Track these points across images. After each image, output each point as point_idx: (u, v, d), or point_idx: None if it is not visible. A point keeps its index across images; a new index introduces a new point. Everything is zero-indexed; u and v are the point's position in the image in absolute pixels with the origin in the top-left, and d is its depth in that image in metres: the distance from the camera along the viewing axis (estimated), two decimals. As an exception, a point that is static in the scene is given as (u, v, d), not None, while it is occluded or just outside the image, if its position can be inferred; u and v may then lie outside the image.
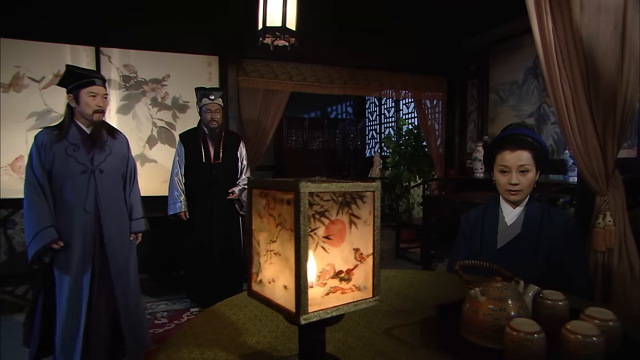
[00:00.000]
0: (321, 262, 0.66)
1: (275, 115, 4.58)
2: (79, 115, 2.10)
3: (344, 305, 0.68)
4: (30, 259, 2.01)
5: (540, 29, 2.20)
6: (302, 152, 6.71)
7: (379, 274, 0.72)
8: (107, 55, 3.84)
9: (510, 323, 0.80)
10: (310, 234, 0.64)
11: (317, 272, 0.66)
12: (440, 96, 5.30)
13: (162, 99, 4.06)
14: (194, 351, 0.86)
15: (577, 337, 0.76)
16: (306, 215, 0.62)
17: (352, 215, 0.69)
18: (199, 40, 4.13)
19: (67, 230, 2.04)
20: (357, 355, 0.85)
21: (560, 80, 2.21)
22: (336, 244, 0.68)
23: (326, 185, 0.65)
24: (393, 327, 0.99)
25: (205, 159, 3.21)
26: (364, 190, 0.70)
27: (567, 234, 1.55)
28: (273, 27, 2.82)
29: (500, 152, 1.60)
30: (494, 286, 0.91)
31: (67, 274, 2.04)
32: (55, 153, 2.04)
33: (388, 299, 1.19)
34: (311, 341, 0.73)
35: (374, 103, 7.35)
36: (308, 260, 0.63)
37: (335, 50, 4.65)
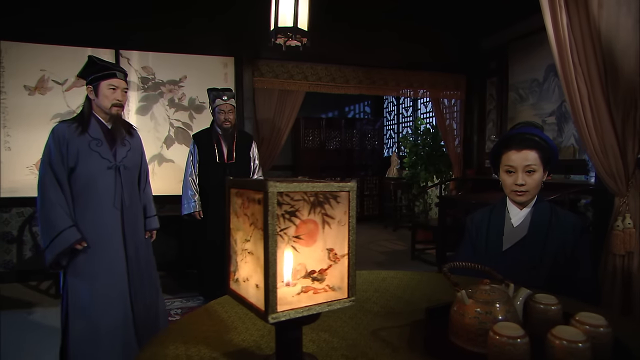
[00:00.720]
0: (291, 262, 0.66)
1: (290, 115, 4.60)
2: (98, 108, 2.01)
3: (317, 306, 0.68)
4: (49, 263, 1.89)
5: (554, 24, 2.14)
6: (319, 152, 6.71)
7: (354, 275, 0.72)
8: (126, 57, 3.95)
9: (493, 327, 0.78)
10: (279, 234, 0.64)
11: (287, 271, 0.66)
12: (459, 95, 5.21)
13: (179, 99, 4.15)
14: (179, 348, 0.88)
15: (562, 343, 0.74)
16: (275, 215, 0.63)
17: (325, 215, 0.69)
18: (215, 42, 4.20)
19: (96, 229, 1.95)
20: (339, 355, 0.84)
21: (576, 76, 2.14)
22: (308, 243, 0.68)
23: (297, 185, 0.65)
24: (381, 328, 0.98)
25: (219, 159, 3.25)
26: (337, 190, 0.69)
27: (575, 237, 1.50)
28: (285, 27, 2.83)
29: (506, 151, 1.56)
30: (482, 289, 0.89)
31: (95, 278, 1.94)
32: (79, 148, 1.94)
33: (381, 300, 1.18)
34: (287, 340, 0.73)
35: (392, 102, 7.29)
36: (278, 260, 0.63)
37: (350, 50, 4.64)
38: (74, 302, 1.95)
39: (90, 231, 1.93)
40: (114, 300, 1.98)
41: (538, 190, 1.55)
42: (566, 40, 2.11)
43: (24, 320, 2.96)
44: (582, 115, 2.17)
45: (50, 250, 1.87)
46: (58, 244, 1.87)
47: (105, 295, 1.96)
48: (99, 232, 1.96)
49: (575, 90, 2.14)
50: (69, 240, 1.87)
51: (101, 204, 1.98)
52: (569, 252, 1.49)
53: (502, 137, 1.65)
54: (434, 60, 4.95)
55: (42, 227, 1.91)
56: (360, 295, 1.21)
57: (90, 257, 1.95)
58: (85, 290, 1.94)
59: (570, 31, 2.12)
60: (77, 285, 1.95)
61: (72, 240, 1.87)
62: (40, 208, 1.90)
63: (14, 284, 3.67)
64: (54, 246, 1.87)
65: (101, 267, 1.97)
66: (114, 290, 1.99)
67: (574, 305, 1.07)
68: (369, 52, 4.71)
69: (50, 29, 3.64)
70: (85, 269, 1.95)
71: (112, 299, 1.97)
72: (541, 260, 1.51)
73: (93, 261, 1.96)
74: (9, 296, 3.42)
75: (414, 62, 4.91)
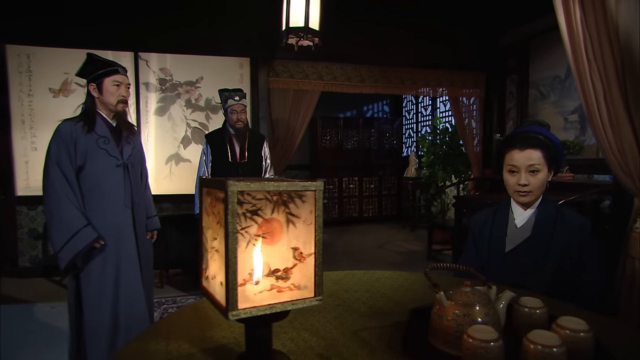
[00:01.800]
0: (253, 260, 0.67)
1: (305, 115, 4.61)
2: (102, 106, 1.98)
3: (280, 304, 0.68)
4: (65, 265, 1.84)
5: (566, 18, 2.07)
6: (337, 151, 6.69)
7: (321, 274, 0.72)
8: (144, 59, 4.05)
9: (467, 330, 0.76)
10: (241, 232, 0.65)
11: (249, 269, 0.67)
12: (478, 93, 5.10)
13: (196, 100, 4.22)
14: (160, 343, 0.90)
15: (536, 348, 0.71)
16: (235, 213, 0.63)
17: (289, 214, 0.69)
18: (231, 43, 4.25)
19: (109, 228, 1.92)
20: (314, 354, 0.84)
21: (590, 73, 2.07)
22: (271, 242, 0.68)
23: (259, 184, 0.65)
24: (363, 328, 0.97)
25: (231, 159, 3.29)
26: (303, 190, 0.69)
27: (582, 239, 1.44)
28: (296, 27, 2.84)
29: (509, 151, 1.52)
30: (462, 291, 0.87)
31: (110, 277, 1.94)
32: (87, 147, 1.91)
33: (371, 300, 1.17)
34: (256, 337, 0.73)
35: (411, 101, 7.19)
36: (238, 258, 0.64)
37: (366, 49, 4.61)
38: (88, 303, 1.93)
39: (102, 230, 1.89)
40: (130, 297, 1.98)
41: (542, 191, 1.50)
42: (580, 35, 2.03)
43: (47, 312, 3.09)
44: (597, 113, 2.09)
45: (66, 251, 1.81)
46: (75, 245, 1.82)
47: (123, 292, 1.97)
48: (112, 231, 1.93)
49: (589, 87, 2.06)
50: (87, 239, 1.83)
51: (112, 202, 1.95)
52: (575, 254, 1.44)
53: (506, 136, 1.60)
54: (451, 59, 4.86)
55: (55, 228, 1.84)
56: (350, 295, 1.21)
57: (105, 257, 1.93)
58: (99, 291, 1.93)
59: (585, 26, 2.04)
60: (92, 286, 1.92)
61: (90, 239, 1.83)
62: (50, 207, 1.84)
63: (39, 279, 3.83)
64: (71, 247, 1.81)
65: (116, 266, 1.95)
66: (130, 288, 1.99)
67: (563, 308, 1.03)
68: (385, 50, 4.67)
69: (73, 33, 3.76)
70: (100, 269, 1.92)
71: (129, 297, 1.98)
72: (545, 262, 1.46)
73: (107, 260, 1.93)
74: (35, 290, 3.57)
75: (431, 61, 4.83)
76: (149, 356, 0.85)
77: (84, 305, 1.94)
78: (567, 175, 3.84)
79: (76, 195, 1.88)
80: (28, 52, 3.77)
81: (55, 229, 1.85)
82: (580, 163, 3.86)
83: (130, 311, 1.98)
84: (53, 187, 1.85)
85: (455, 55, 4.84)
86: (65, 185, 1.86)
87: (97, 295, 1.94)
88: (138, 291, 2.02)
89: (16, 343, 2.54)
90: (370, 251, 5.10)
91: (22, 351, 2.44)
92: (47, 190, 1.87)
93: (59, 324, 2.87)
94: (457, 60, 4.87)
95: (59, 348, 2.40)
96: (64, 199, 1.84)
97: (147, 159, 4.01)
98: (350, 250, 5.10)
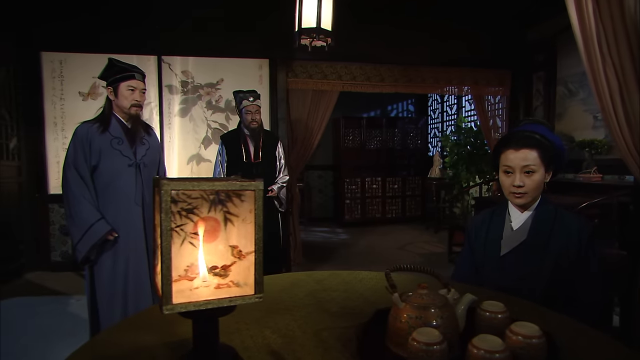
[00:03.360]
0: (189, 256, 0.69)
1: (324, 115, 4.62)
2: (118, 108, 2.09)
3: (218, 300, 0.70)
4: (82, 257, 1.98)
5: (578, 10, 1.98)
6: (360, 151, 6.66)
7: (261, 272, 0.73)
8: (167, 63, 4.20)
9: (413, 332, 0.75)
10: (176, 230, 0.67)
11: (184, 266, 0.69)
12: (503, 91, 4.94)
13: (216, 102, 4.33)
14: (128, 335, 0.94)
15: (479, 352, 0.70)
16: (168, 211, 0.66)
17: (227, 213, 0.71)
18: (250, 45, 4.33)
19: (119, 224, 2.02)
20: (267, 351, 0.86)
21: (604, 69, 1.97)
22: (209, 240, 0.70)
23: (193, 183, 0.68)
24: (327, 328, 0.97)
25: (246, 159, 3.35)
26: (241, 189, 0.71)
27: (580, 243, 1.38)
28: (308, 28, 2.86)
29: (505, 151, 1.47)
30: (418, 293, 0.85)
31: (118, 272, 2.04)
32: (101, 146, 2.01)
33: (346, 300, 1.17)
34: (201, 331, 0.75)
35: (437, 100, 7.05)
36: (172, 254, 0.66)
37: (386, 48, 4.57)
38: (101, 296, 2.05)
39: (115, 226, 2.01)
40: (138, 293, 2.08)
41: (539, 192, 1.45)
42: (592, 29, 1.93)
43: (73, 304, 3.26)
44: (612, 110, 1.99)
45: (83, 244, 1.96)
46: (90, 237, 1.95)
47: (132, 288, 2.06)
48: (122, 227, 2.03)
49: (603, 84, 1.97)
50: (100, 232, 1.95)
51: (123, 200, 2.05)
52: (573, 259, 1.38)
53: (502, 135, 1.55)
54: (474, 56, 4.72)
55: (72, 223, 1.98)
56: (327, 295, 1.21)
57: (116, 252, 2.04)
58: (111, 285, 2.04)
59: (599, 18, 1.94)
60: (102, 281, 2.05)
61: (103, 231, 1.96)
62: (69, 205, 1.99)
63: (69, 273, 4.04)
64: (86, 239, 1.95)
65: (125, 262, 2.05)
66: (138, 283, 2.08)
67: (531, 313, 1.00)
68: (405, 49, 4.60)
69: (101, 39, 3.96)
70: (112, 263, 2.04)
71: (137, 292, 2.07)
72: (540, 266, 1.41)
73: (118, 255, 2.05)
74: (65, 283, 3.78)
75: (453, 59, 4.72)
76: (113, 346, 0.89)
77: (98, 298, 2.06)
78: (595, 176, 3.66)
79: (91, 193, 2.01)
80: (60, 58, 4.00)
81: (73, 224, 1.99)
82: (610, 163, 3.66)
83: (138, 306, 2.06)
84: (70, 188, 1.99)
85: (478, 52, 4.71)
86: (82, 185, 1.99)
87: (109, 289, 2.05)
88: (145, 287, 2.11)
89: (45, 332, 2.71)
90: (391, 252, 5.04)
91: (49, 339, 2.60)
92: (65, 190, 2.01)
93: (84, 315, 3.03)
94: (480, 57, 4.74)
95: (81, 337, 2.55)
96: (80, 197, 1.99)
97: (170, 159, 4.21)
98: (369, 251, 5.07)
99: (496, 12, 4.51)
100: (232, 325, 0.98)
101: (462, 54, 4.67)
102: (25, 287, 3.62)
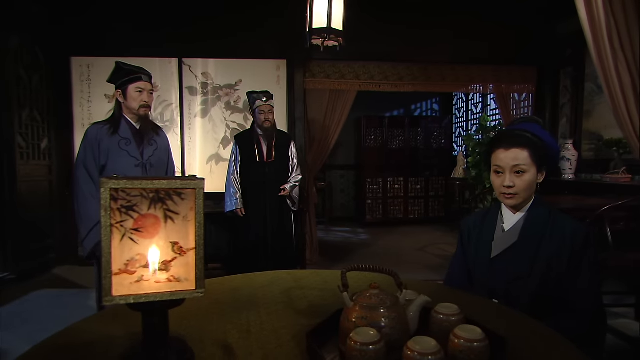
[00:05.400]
0: (129, 251, 0.72)
1: (341, 115, 4.61)
2: (127, 110, 2.16)
3: (159, 294, 0.73)
4: (87, 253, 2.04)
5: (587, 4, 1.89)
6: (382, 151, 6.59)
7: (202, 268, 0.75)
8: (188, 65, 4.32)
9: (352, 332, 0.75)
10: (115, 226, 0.70)
11: (125, 260, 0.72)
12: (528, 88, 4.76)
13: (235, 102, 4.42)
14: (99, 325, 0.99)
15: (413, 355, 0.69)
16: (108, 208, 0.69)
17: (167, 210, 0.73)
18: (268, 46, 4.39)
19: None
20: (218, 346, 0.88)
21: (616, 64, 1.87)
22: (148, 236, 0.73)
23: (133, 182, 0.71)
24: (287, 325, 0.99)
25: (259, 158, 3.41)
26: (181, 188, 0.73)
27: (574, 247, 1.32)
28: (319, 28, 2.88)
29: (495, 150, 1.43)
30: (368, 293, 0.85)
31: None
32: (110, 147, 2.09)
33: (317, 299, 1.17)
34: (148, 323, 0.78)
35: (461, 99, 6.88)
36: (112, 249, 0.70)
37: (404, 46, 4.52)
38: None
39: None
40: None
41: (530, 193, 1.40)
42: (602, 22, 1.84)
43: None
44: (624, 108, 1.88)
45: (89, 240, 2.01)
46: (96, 234, 1.99)
47: None
48: None
49: (614, 80, 1.87)
50: None
51: None
52: (564, 264, 1.32)
53: (494, 135, 1.51)
54: (497, 52, 4.58)
55: (80, 220, 2.05)
56: (302, 293, 1.22)
57: None
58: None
59: (610, 11, 1.85)
60: None
61: None
62: (77, 203, 2.06)
63: (95, 267, 4.24)
64: (92, 236, 2.00)
65: None
66: None
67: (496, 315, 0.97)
68: (425, 47, 4.53)
69: (125, 43, 4.13)
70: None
71: None
72: (530, 270, 1.36)
73: None
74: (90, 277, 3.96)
75: (474, 56, 4.60)
76: (82, 334, 0.94)
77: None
78: (623, 176, 3.47)
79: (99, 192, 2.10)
80: (88, 63, 4.20)
81: (80, 221, 2.06)
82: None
83: None
84: (79, 186, 2.08)
85: (502, 48, 4.56)
86: (90, 183, 2.07)
87: None
88: None
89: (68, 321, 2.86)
90: (409, 253, 4.98)
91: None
92: (75, 189, 2.10)
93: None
94: (503, 53, 4.59)
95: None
96: (87, 196, 2.07)
97: (191, 159, 4.33)
98: (387, 252, 5.02)
99: (520, 6, 4.35)
100: (195, 319, 1.01)
101: (484, 50, 4.55)
102: (53, 280, 3.83)
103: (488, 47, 4.54)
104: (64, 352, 0.86)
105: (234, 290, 1.24)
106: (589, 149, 4.17)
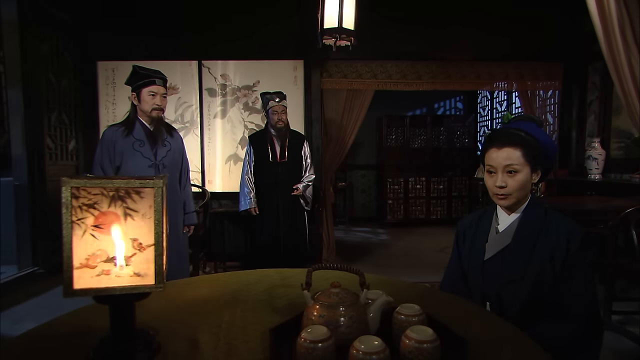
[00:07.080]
0: (90, 247, 0.76)
1: (358, 114, 4.60)
2: (141, 112, 2.26)
3: (118, 288, 0.76)
4: None
5: (596, -3, 1.80)
6: (403, 150, 6.51)
7: (161, 263, 0.78)
8: (207, 67, 4.42)
9: (302, 331, 0.76)
10: (77, 222, 0.74)
11: (86, 255, 0.76)
12: (554, 85, 4.58)
13: (253, 103, 4.48)
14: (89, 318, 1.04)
15: (358, 354, 0.69)
16: (68, 206, 0.73)
17: (127, 208, 0.77)
18: (285, 47, 4.43)
19: None
20: (186, 340, 0.90)
21: (628, 58, 1.78)
22: (108, 232, 0.76)
23: (93, 181, 0.74)
24: (257, 322, 1.00)
25: (272, 158, 3.45)
26: (140, 187, 0.76)
27: (570, 250, 1.27)
28: (330, 28, 2.90)
29: (488, 149, 1.40)
30: (328, 292, 0.86)
31: None
32: (124, 148, 2.19)
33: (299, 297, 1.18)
34: (117, 316, 0.82)
35: (486, 97, 6.69)
36: (73, 244, 0.74)
37: (423, 44, 4.44)
38: None
39: None
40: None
41: (524, 193, 1.36)
42: (612, 14, 1.76)
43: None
44: (637, 104, 1.79)
45: None
46: None
47: None
48: None
49: (626, 74, 1.78)
50: None
51: None
52: (559, 266, 1.28)
53: (488, 133, 1.48)
54: (521, 48, 4.43)
55: None
56: (283, 291, 1.24)
57: None
58: None
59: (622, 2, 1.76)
60: None
61: None
62: None
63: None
64: None
65: None
66: None
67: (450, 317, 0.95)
68: (443, 44, 4.44)
69: (148, 47, 4.28)
70: None
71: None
72: (523, 273, 1.32)
73: None
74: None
75: (496, 52, 4.47)
76: (63, 326, 0.99)
77: None
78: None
79: None
80: (113, 67, 4.38)
81: None
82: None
83: None
84: None
85: (524, 44, 4.41)
86: None
87: None
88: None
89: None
90: (428, 254, 4.90)
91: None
92: None
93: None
94: (527, 49, 4.43)
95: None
96: None
97: (210, 159, 4.44)
98: (406, 253, 4.97)
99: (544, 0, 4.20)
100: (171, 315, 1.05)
101: (506, 46, 4.42)
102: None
103: (510, 43, 4.40)
104: (43, 340, 0.91)
105: (220, 288, 1.27)
106: (618, 148, 3.97)
